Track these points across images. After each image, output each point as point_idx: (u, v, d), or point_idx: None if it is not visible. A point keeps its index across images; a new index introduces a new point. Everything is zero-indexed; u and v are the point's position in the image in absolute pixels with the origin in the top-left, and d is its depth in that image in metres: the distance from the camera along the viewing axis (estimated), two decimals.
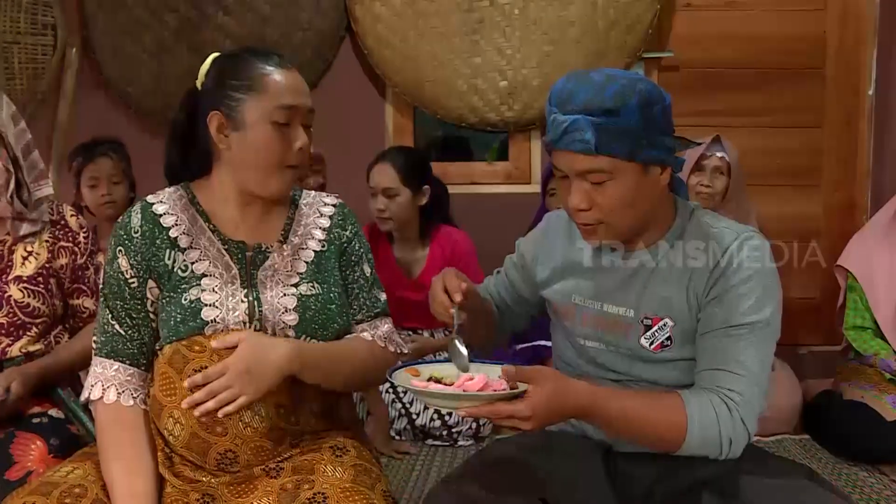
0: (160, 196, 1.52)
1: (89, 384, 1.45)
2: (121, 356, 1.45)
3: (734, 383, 1.35)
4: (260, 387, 1.35)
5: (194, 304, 1.42)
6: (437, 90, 3.25)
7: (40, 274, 1.85)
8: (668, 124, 1.36)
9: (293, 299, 1.46)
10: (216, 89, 1.46)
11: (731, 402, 1.34)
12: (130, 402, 1.44)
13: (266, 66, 1.44)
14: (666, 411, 1.34)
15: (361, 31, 3.24)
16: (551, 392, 1.26)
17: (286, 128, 1.44)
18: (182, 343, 1.41)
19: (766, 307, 1.37)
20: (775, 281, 1.40)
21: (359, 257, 1.58)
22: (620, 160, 1.32)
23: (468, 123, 3.29)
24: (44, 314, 1.84)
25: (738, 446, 1.35)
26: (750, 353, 1.36)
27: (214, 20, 3.28)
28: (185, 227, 1.49)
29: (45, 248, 1.87)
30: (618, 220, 1.38)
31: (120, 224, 1.49)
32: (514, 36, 3.20)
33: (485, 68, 3.23)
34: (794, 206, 3.29)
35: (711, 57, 3.28)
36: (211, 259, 1.47)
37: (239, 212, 1.51)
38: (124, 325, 1.46)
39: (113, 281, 1.46)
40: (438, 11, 3.20)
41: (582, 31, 3.17)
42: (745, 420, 1.34)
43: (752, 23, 3.26)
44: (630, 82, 1.33)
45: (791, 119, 3.29)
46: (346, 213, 1.60)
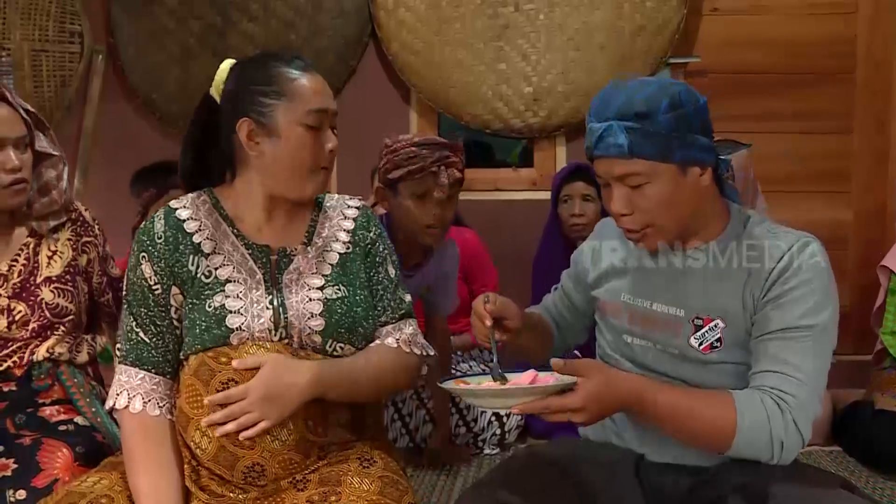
0: (183, 201, 1.51)
1: (114, 393, 1.44)
2: (146, 364, 1.44)
3: (788, 385, 1.33)
4: (282, 412, 1.35)
5: (219, 311, 1.40)
6: (461, 96, 3.23)
7: (68, 272, 1.86)
8: (704, 125, 1.38)
9: (318, 304, 1.45)
10: (242, 96, 1.45)
11: (783, 403, 1.32)
12: (157, 412, 1.43)
13: (292, 70, 1.45)
14: (716, 408, 1.32)
15: (385, 37, 3.23)
16: (602, 383, 1.28)
17: (317, 131, 1.45)
18: (208, 354, 1.39)
19: (823, 311, 1.35)
20: (832, 286, 1.39)
21: (383, 258, 1.57)
22: (655, 162, 1.35)
23: (493, 130, 3.27)
24: (71, 313, 1.85)
25: (790, 451, 1.32)
26: (806, 357, 1.34)
27: (239, 26, 3.28)
28: (209, 232, 1.48)
29: (69, 245, 1.89)
30: (662, 221, 1.40)
31: (143, 230, 1.48)
32: (539, 42, 3.18)
33: (509, 74, 3.20)
34: (824, 213, 3.23)
35: (739, 61, 3.23)
36: (235, 264, 1.46)
37: (265, 216, 1.50)
38: (149, 333, 1.45)
39: (136, 288, 1.45)
40: (463, 17, 3.19)
41: (607, 36, 3.14)
42: (799, 423, 1.31)
43: (780, 26, 3.22)
44: (662, 86, 1.37)
45: (820, 124, 3.24)
46: (370, 215, 1.60)
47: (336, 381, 1.40)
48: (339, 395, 1.41)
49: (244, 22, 3.28)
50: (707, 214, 1.45)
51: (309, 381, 1.36)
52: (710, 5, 3.23)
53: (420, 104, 3.33)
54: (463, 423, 2.61)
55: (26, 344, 1.79)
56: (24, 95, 3.25)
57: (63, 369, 1.86)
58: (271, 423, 1.34)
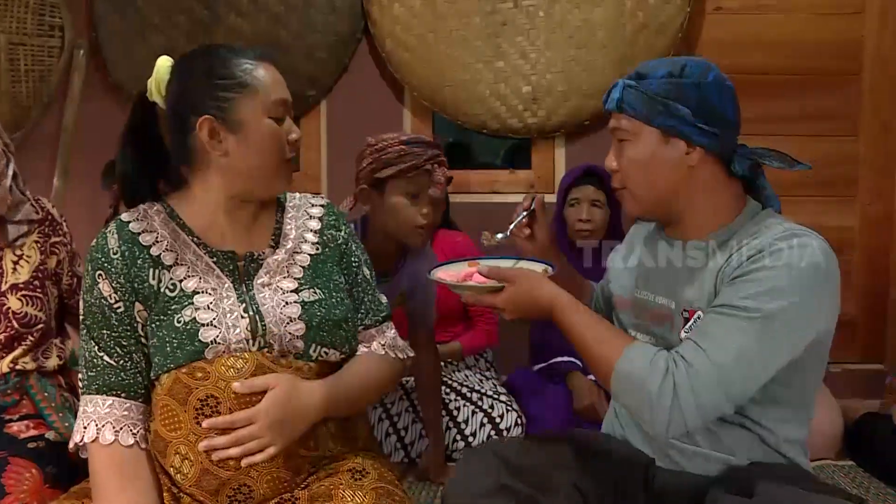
0: (134, 214, 1.41)
1: (80, 426, 1.32)
2: (114, 389, 1.33)
3: (690, 353, 1.30)
4: (292, 437, 1.29)
5: (189, 325, 1.31)
6: (457, 95, 3.13)
7: (36, 277, 1.74)
8: (703, 102, 1.37)
9: (296, 307, 1.37)
10: (198, 92, 1.35)
11: (673, 365, 1.29)
12: (130, 441, 1.32)
13: (248, 60, 1.37)
14: (607, 342, 1.36)
15: (379, 33, 3.14)
16: (525, 291, 1.42)
17: (280, 122, 1.38)
18: (182, 371, 1.29)
19: (777, 300, 1.28)
20: (814, 284, 1.30)
21: (358, 259, 1.51)
22: (640, 123, 1.39)
23: (490, 130, 3.18)
24: (40, 321, 1.73)
25: (660, 412, 1.27)
26: (729, 335, 1.29)
27: (226, 21, 3.17)
28: (168, 243, 1.38)
29: (36, 248, 1.76)
30: (635, 186, 1.44)
31: (95, 247, 1.37)
32: (538, 39, 3.09)
33: (508, 73, 3.11)
34: (829, 219, 3.14)
35: (742, 62, 3.12)
36: (200, 274, 1.36)
37: (227, 220, 1.41)
38: (114, 356, 1.34)
39: (95, 309, 1.34)
40: (459, 13, 3.09)
41: (609, 34, 3.05)
42: (679, 390, 1.27)
43: (785, 27, 3.13)
44: (679, 58, 1.43)
45: (826, 127, 3.15)
46: (338, 214, 1.53)
47: (343, 399, 1.37)
48: (340, 412, 1.38)
49: (232, 17, 3.17)
50: (705, 205, 1.42)
51: (320, 402, 1.32)
52: (714, 4, 3.14)
53: (414, 103, 3.24)
54: (461, 437, 2.52)
55: None
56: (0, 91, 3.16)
57: (32, 382, 1.74)
58: (279, 450, 1.27)
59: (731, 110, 1.41)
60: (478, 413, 2.53)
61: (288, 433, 1.29)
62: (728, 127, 1.40)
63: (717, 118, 1.38)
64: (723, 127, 1.39)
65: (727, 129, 1.40)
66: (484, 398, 2.57)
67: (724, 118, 1.39)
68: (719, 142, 1.38)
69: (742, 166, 1.41)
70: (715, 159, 1.40)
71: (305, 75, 3.18)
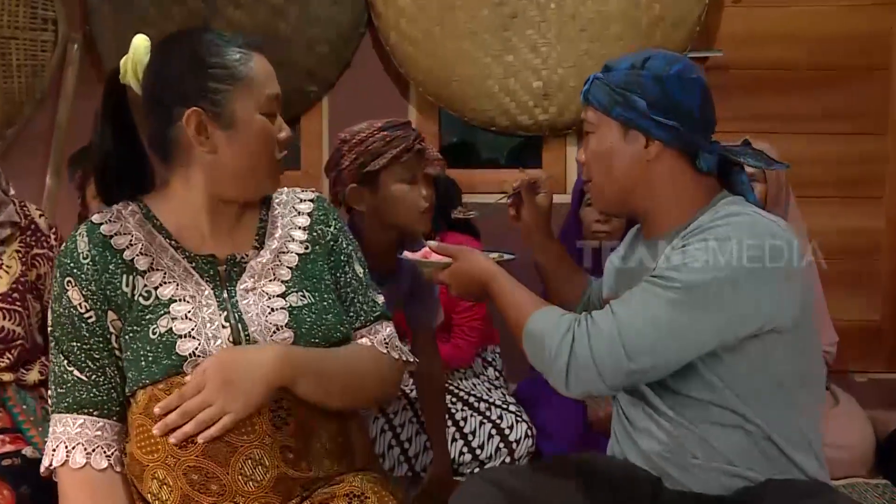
0: (107, 215, 1.30)
1: (50, 449, 1.22)
2: (86, 407, 1.23)
3: (598, 313, 1.31)
4: (248, 400, 1.16)
5: (165, 336, 1.20)
6: (464, 90, 3.03)
7: (15, 290, 1.63)
8: (664, 96, 1.36)
9: (283, 314, 1.27)
10: (185, 81, 1.24)
11: (576, 323, 1.30)
12: (103, 464, 1.22)
13: (241, 49, 1.27)
14: (524, 308, 1.38)
15: (383, 26, 3.03)
16: (465, 268, 1.48)
17: (272, 119, 1.29)
18: (159, 387, 1.19)
19: (699, 273, 1.25)
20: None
21: (348, 256, 1.40)
22: (602, 115, 1.41)
23: (499, 127, 3.07)
24: (19, 337, 1.61)
25: (560, 365, 1.27)
26: (639, 300, 1.29)
27: (224, 14, 3.07)
28: (142, 246, 1.27)
29: (17, 258, 1.65)
30: (596, 178, 1.46)
31: (64, 252, 1.27)
32: (549, 32, 2.98)
33: (517, 67, 3.00)
34: (854, 220, 3.04)
35: (763, 56, 3.03)
36: (177, 280, 1.26)
37: (209, 221, 1.31)
38: (86, 370, 1.23)
39: (64, 320, 1.24)
40: (467, 5, 2.99)
41: (624, 27, 2.95)
42: (576, 344, 1.27)
43: (808, 19, 3.02)
44: (648, 52, 1.42)
45: (851, 125, 3.03)
46: (328, 208, 1.42)
47: (306, 362, 1.25)
48: (313, 387, 1.25)
49: (230, 9, 3.07)
50: (668, 201, 1.41)
51: (273, 357, 1.20)
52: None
53: (420, 99, 3.14)
54: (468, 449, 2.41)
55: None
56: None
57: (10, 394, 1.64)
58: (237, 417, 1.16)
59: (697, 105, 1.38)
60: (486, 424, 2.44)
61: (243, 395, 1.17)
62: (690, 122, 1.37)
63: (678, 112, 1.36)
64: (684, 122, 1.36)
65: (689, 123, 1.37)
66: (492, 408, 2.48)
67: (687, 113, 1.37)
68: (679, 136, 1.37)
69: (707, 163, 1.39)
70: (678, 154, 1.39)
71: (306, 70, 3.08)
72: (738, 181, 1.45)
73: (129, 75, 1.29)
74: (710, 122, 1.42)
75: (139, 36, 1.30)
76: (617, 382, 1.29)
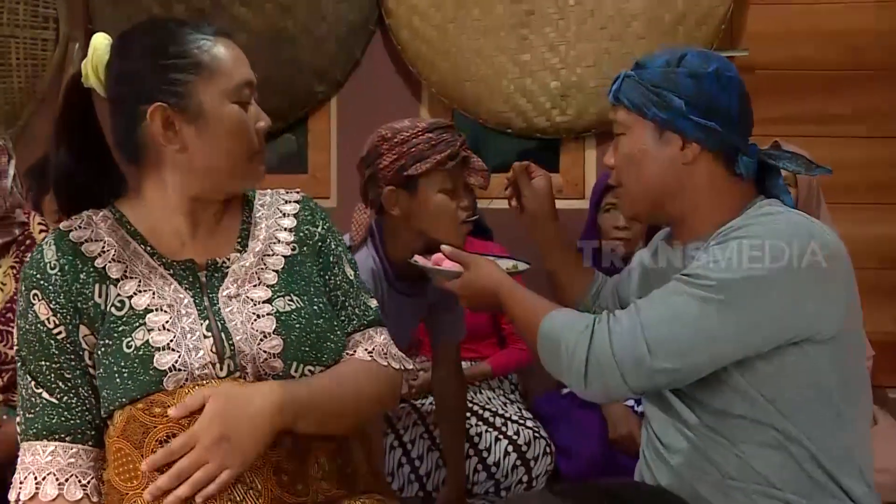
0: (77, 221, 1.24)
1: (17, 481, 1.13)
2: (57, 433, 1.14)
3: (622, 311, 1.28)
4: (247, 454, 1.09)
5: (142, 350, 1.13)
6: (479, 91, 2.95)
7: (9, 309, 1.55)
8: (702, 95, 1.31)
9: (270, 320, 1.19)
10: (145, 75, 1.18)
11: (596, 320, 1.27)
12: (78, 495, 1.13)
13: (204, 36, 1.21)
14: (538, 310, 1.35)
15: (394, 24, 2.95)
16: (476, 279, 1.46)
17: (246, 107, 1.24)
18: (137, 407, 1.12)
19: (731, 271, 1.21)
20: (788, 263, 1.20)
21: (337, 257, 1.33)
22: (635, 115, 1.36)
23: (514, 129, 2.99)
24: (11, 361, 1.52)
25: (578, 364, 1.23)
26: (664, 298, 1.25)
27: (229, 10, 3.00)
28: (115, 252, 1.19)
29: (11, 276, 1.58)
30: (628, 182, 1.40)
31: (30, 263, 1.19)
32: (568, 30, 2.90)
33: (534, 67, 2.92)
34: (889, 227, 2.94)
35: (792, 56, 2.94)
36: (154, 289, 1.18)
37: (186, 224, 1.24)
38: (56, 391, 1.14)
39: (32, 337, 1.16)
40: (482, 2, 2.91)
41: (646, 25, 2.86)
42: (595, 340, 1.23)
43: (840, 16, 2.92)
44: (683, 49, 1.37)
45: (886, 127, 2.93)
46: (314, 208, 1.36)
47: (306, 400, 1.17)
48: (313, 422, 1.18)
49: (235, 6, 3.00)
50: (703, 207, 1.36)
51: (273, 403, 1.12)
52: None
53: (432, 100, 3.06)
54: (483, 467, 2.31)
55: None
56: None
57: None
58: (235, 474, 1.09)
59: (736, 105, 1.34)
60: (502, 440, 2.34)
61: (241, 450, 1.10)
62: (729, 122, 1.32)
63: (716, 112, 1.31)
64: (723, 122, 1.31)
65: (728, 125, 1.32)
66: (509, 423, 2.37)
67: (725, 112, 1.32)
68: (718, 138, 1.32)
69: (747, 167, 1.34)
70: (715, 157, 1.34)
71: (314, 69, 3.00)
72: (775, 186, 1.39)
73: (92, 77, 1.23)
74: (748, 124, 1.36)
75: (98, 34, 1.24)
76: (639, 383, 1.23)
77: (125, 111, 1.21)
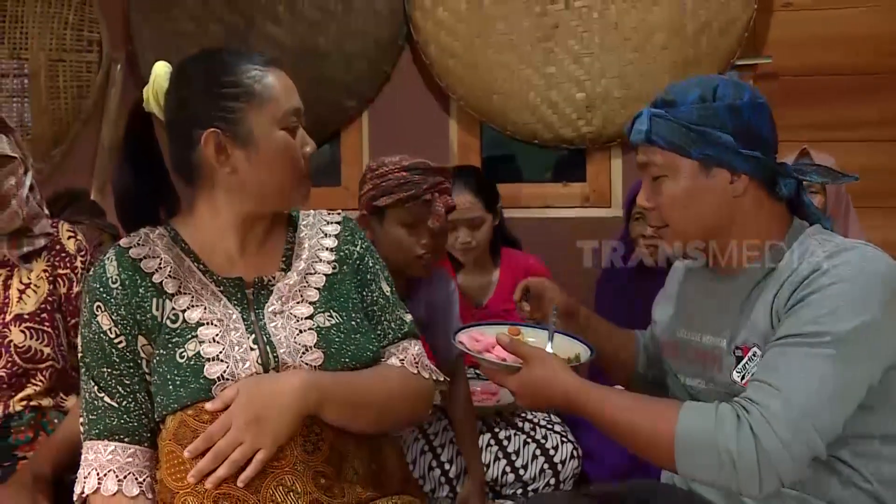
0: (135, 238, 1.31)
1: (82, 476, 1.21)
2: (117, 433, 1.22)
3: (760, 395, 1.16)
4: (278, 433, 1.16)
5: (193, 360, 1.20)
6: (505, 103, 2.98)
7: (43, 310, 1.62)
8: (742, 126, 1.29)
9: (312, 335, 1.26)
10: (201, 103, 1.24)
11: (743, 411, 1.15)
12: (135, 491, 1.20)
13: (255, 66, 1.27)
14: (655, 414, 1.21)
15: (422, 39, 3.01)
16: (539, 378, 1.30)
17: (294, 133, 1.28)
18: (188, 413, 1.19)
19: (846, 320, 1.17)
20: (881, 296, 1.19)
21: (374, 275, 1.39)
22: (676, 156, 1.31)
23: (541, 140, 3.01)
24: (48, 358, 1.60)
25: (747, 463, 1.12)
26: (800, 367, 1.16)
27: (262, 30, 3.08)
28: (171, 269, 1.27)
29: (45, 278, 1.65)
30: (678, 224, 1.35)
31: (93, 277, 1.27)
32: (592, 43, 2.92)
33: (560, 79, 2.95)
34: None
35: (816, 62, 2.92)
36: (205, 304, 1.25)
37: (236, 242, 1.31)
38: (116, 396, 1.22)
39: (95, 345, 1.23)
40: (507, 16, 2.94)
41: (669, 36, 2.86)
42: (758, 433, 1.12)
43: (864, 21, 2.89)
44: (707, 78, 1.34)
45: None
46: (353, 228, 1.42)
47: (332, 388, 1.22)
48: (340, 413, 1.23)
49: (268, 25, 3.08)
50: (751, 232, 1.34)
51: (296, 387, 1.18)
52: (783, 0, 2.93)
53: (461, 113, 3.10)
54: (511, 469, 2.33)
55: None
56: (39, 108, 3.17)
57: (49, 418, 1.62)
58: (269, 452, 1.16)
59: (769, 130, 1.33)
60: (530, 444, 2.36)
61: (272, 429, 1.16)
62: (768, 148, 1.32)
63: (758, 140, 1.30)
64: (764, 149, 1.31)
65: (768, 150, 1.32)
66: (537, 428, 2.40)
67: (765, 140, 1.31)
68: (763, 166, 1.31)
69: (789, 188, 1.33)
70: (759, 183, 1.33)
71: (345, 85, 3.07)
72: (806, 203, 1.38)
73: (152, 102, 1.30)
74: (777, 145, 1.35)
75: (159, 63, 1.31)
76: (807, 463, 1.16)
77: (181, 135, 1.26)
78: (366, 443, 1.28)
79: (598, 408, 1.26)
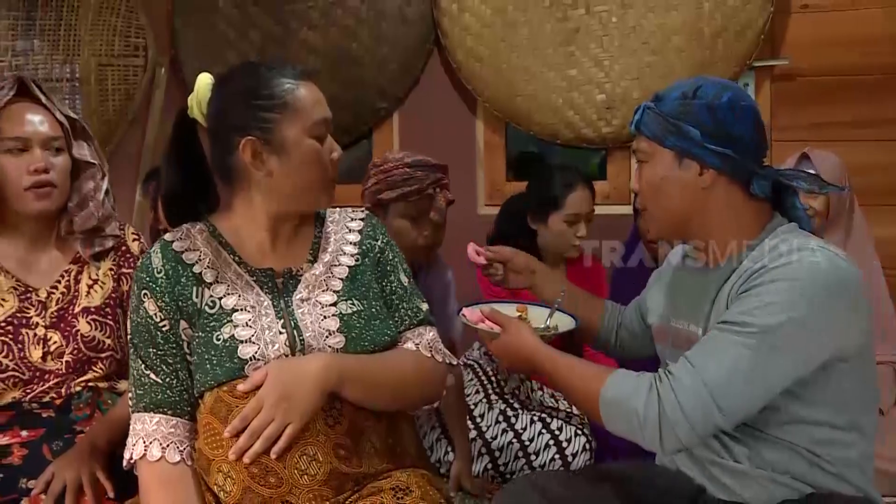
0: (178, 233, 1.43)
1: (130, 444, 1.35)
2: (161, 407, 1.34)
3: (678, 369, 1.30)
4: (305, 409, 1.26)
5: (228, 342, 1.32)
6: (529, 105, 3.07)
7: (108, 304, 1.76)
8: (717, 124, 1.36)
9: (335, 320, 1.36)
10: (239, 113, 1.35)
11: (657, 380, 1.29)
12: (177, 458, 1.33)
13: (289, 79, 1.37)
14: (590, 377, 1.36)
15: (450, 45, 3.11)
16: (510, 342, 1.49)
17: (322, 140, 1.39)
18: (223, 389, 1.30)
19: (774, 315, 1.25)
20: (820, 298, 1.26)
21: (393, 266, 1.49)
22: (655, 144, 1.42)
23: (563, 140, 3.10)
24: (109, 348, 1.75)
25: (651, 426, 1.27)
26: (718, 350, 1.27)
27: (298, 35, 3.21)
28: (210, 261, 1.39)
29: (110, 276, 1.79)
30: (651, 207, 1.47)
31: (141, 267, 1.40)
32: (612, 46, 2.99)
33: (581, 81, 3.03)
34: None
35: (832, 63, 2.95)
36: (240, 292, 1.37)
37: (268, 237, 1.43)
38: (161, 373, 1.35)
39: (142, 328, 1.36)
40: (530, 21, 3.03)
41: (686, 38, 2.93)
42: (664, 401, 1.26)
43: (881, 22, 2.91)
44: (698, 80, 1.43)
45: None
46: (375, 224, 1.53)
47: (351, 368, 1.32)
48: (360, 391, 1.33)
49: (304, 31, 3.21)
50: (723, 227, 1.42)
51: (319, 367, 1.29)
52: (800, 2, 2.97)
53: (487, 114, 3.19)
54: (523, 454, 2.41)
55: (64, 380, 1.70)
56: (89, 110, 3.31)
57: (104, 398, 1.77)
58: (298, 427, 1.26)
59: (750, 131, 1.39)
60: (544, 434, 2.42)
61: (299, 406, 1.27)
62: (743, 148, 1.38)
63: (731, 139, 1.37)
64: (737, 148, 1.37)
65: (742, 150, 1.38)
66: (554, 419, 2.47)
67: (739, 139, 1.37)
68: (733, 163, 1.37)
69: (762, 188, 1.39)
70: (731, 180, 1.40)
71: (377, 88, 3.19)
72: (792, 205, 1.45)
73: (196, 110, 1.42)
74: (761, 147, 1.42)
75: (202, 75, 1.42)
76: (708, 433, 1.29)
77: (221, 141, 1.38)
78: (384, 419, 1.38)
79: (551, 368, 1.42)
